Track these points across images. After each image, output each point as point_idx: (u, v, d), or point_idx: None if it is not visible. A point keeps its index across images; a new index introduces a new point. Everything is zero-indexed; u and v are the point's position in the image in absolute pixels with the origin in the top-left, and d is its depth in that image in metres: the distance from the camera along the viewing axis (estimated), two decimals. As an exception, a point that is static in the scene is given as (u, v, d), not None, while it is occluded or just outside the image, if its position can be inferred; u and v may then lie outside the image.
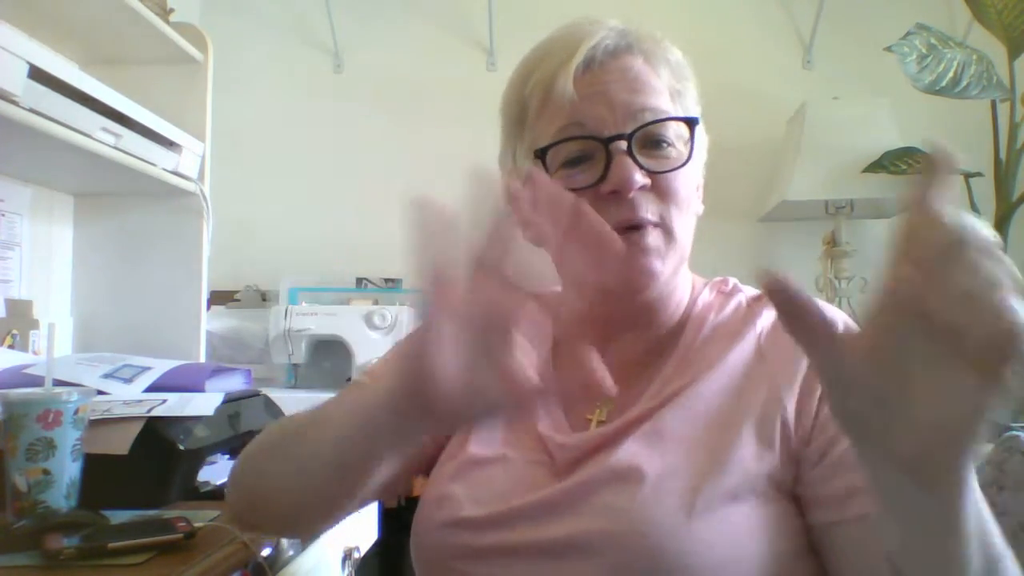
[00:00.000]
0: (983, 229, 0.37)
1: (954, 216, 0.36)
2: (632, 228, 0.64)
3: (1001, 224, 1.77)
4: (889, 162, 1.73)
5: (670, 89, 0.68)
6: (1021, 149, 1.75)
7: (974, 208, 1.77)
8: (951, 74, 1.67)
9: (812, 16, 2.09)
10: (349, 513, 0.65)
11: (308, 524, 0.69)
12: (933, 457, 0.40)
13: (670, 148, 0.66)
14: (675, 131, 0.66)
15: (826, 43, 2.11)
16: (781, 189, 1.87)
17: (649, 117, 0.65)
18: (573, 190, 0.64)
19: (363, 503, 0.67)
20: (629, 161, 0.63)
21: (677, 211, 0.65)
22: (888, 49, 1.65)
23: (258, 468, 0.66)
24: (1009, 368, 0.36)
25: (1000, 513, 0.66)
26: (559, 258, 0.48)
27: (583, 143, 0.65)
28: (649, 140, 0.65)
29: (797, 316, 0.40)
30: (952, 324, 0.36)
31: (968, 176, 1.76)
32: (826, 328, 0.40)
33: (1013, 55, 1.73)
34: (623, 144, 0.63)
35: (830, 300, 1.86)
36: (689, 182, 0.67)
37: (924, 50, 1.67)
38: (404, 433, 0.51)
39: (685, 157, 0.66)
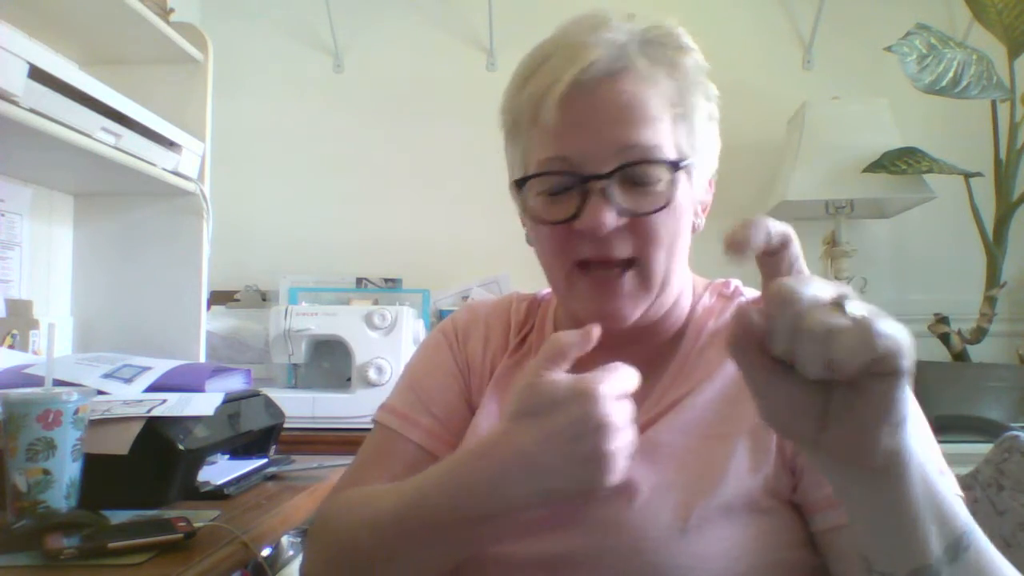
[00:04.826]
0: (814, 283, 0.39)
1: (790, 285, 0.38)
2: (603, 264, 0.63)
3: (1001, 224, 1.77)
4: (889, 162, 1.73)
5: (672, 112, 0.64)
6: (1021, 149, 1.75)
7: (974, 208, 1.77)
8: (951, 74, 1.67)
9: (812, 16, 2.09)
10: None
11: None
12: (865, 450, 0.41)
13: (656, 185, 0.63)
14: (662, 169, 0.63)
15: (826, 43, 2.11)
16: (781, 189, 1.86)
17: (636, 154, 0.61)
18: (549, 222, 0.64)
19: None
20: (602, 204, 0.61)
21: (655, 249, 0.63)
22: (888, 49, 1.65)
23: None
24: (905, 366, 0.37)
25: (1000, 513, 0.66)
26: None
27: (563, 176, 0.63)
28: (633, 177, 0.62)
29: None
30: (826, 376, 0.38)
31: (968, 176, 1.76)
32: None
33: (1013, 55, 1.73)
34: (601, 184, 0.61)
35: (830, 300, 1.85)
36: (673, 220, 0.64)
37: (924, 50, 1.67)
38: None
39: (667, 198, 0.63)
